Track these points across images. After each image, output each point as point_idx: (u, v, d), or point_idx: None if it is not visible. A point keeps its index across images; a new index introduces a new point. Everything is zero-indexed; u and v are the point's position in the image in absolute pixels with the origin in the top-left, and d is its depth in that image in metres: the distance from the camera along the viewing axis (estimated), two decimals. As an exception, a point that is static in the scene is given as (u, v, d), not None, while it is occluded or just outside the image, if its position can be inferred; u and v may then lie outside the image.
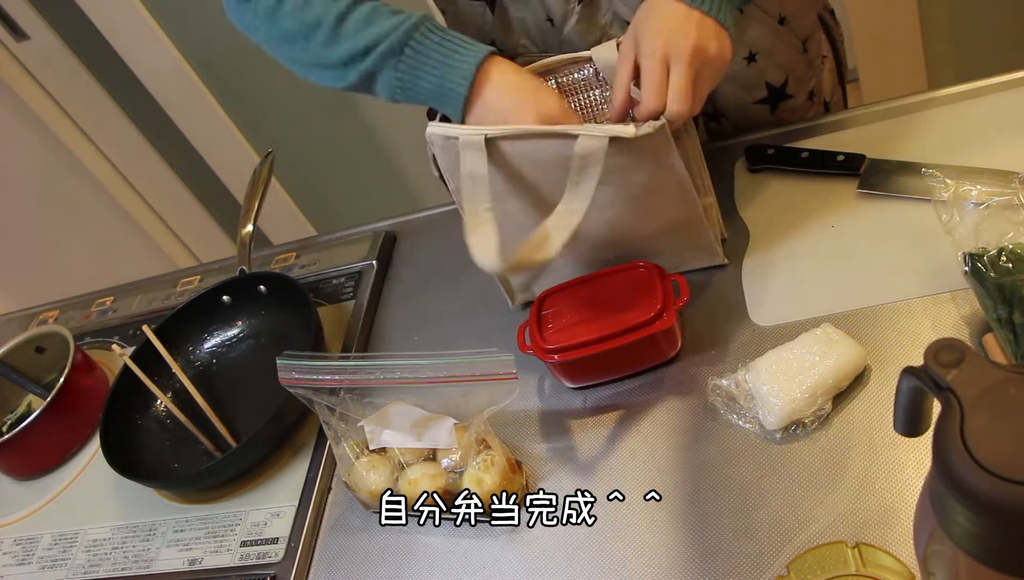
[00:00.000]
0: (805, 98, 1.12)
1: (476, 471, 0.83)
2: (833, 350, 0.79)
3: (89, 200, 2.41)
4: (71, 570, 1.02)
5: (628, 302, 0.88)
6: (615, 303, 0.89)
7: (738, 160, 1.05)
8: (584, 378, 0.91)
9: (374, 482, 0.88)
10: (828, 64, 1.17)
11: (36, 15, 2.06)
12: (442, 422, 0.85)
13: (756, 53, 1.05)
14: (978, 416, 0.48)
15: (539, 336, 0.89)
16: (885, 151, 0.97)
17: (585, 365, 0.89)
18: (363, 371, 0.84)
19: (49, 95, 2.23)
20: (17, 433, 1.09)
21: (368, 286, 1.17)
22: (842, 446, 0.77)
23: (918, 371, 0.53)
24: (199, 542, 0.97)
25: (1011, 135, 0.93)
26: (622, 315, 0.87)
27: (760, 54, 1.05)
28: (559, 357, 0.88)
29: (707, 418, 0.84)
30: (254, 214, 1.19)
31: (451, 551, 0.85)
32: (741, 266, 0.95)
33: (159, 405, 1.11)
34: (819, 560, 0.68)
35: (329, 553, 0.91)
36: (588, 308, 0.90)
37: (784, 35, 1.06)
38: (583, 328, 0.88)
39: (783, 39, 1.06)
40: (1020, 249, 0.77)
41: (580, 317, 0.90)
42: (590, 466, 0.86)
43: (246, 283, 1.17)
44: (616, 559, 0.78)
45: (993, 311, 0.75)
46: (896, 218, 0.91)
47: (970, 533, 0.50)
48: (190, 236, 2.56)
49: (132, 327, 1.30)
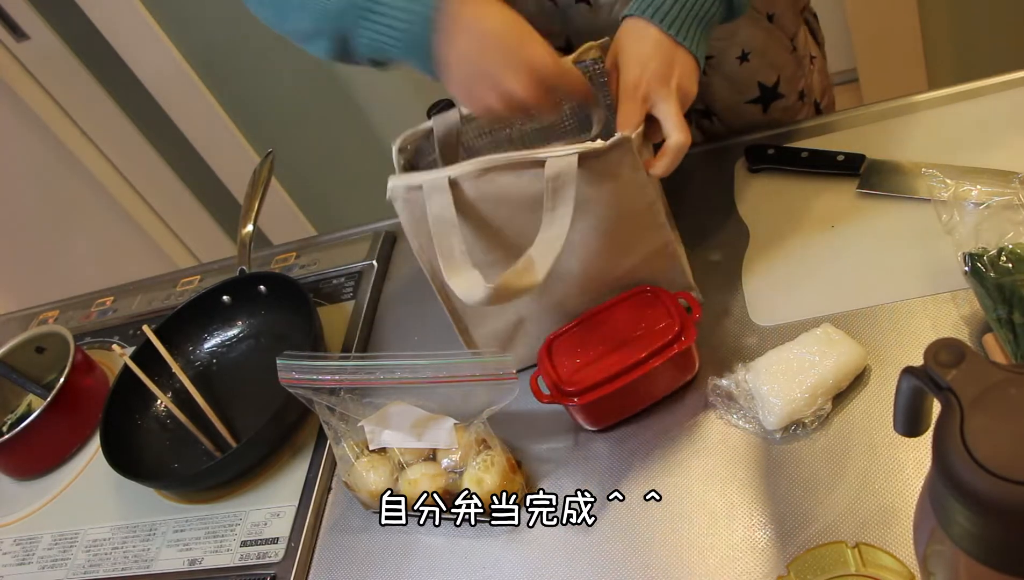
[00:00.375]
0: (796, 98, 1.12)
1: (476, 471, 0.83)
2: (833, 350, 0.79)
3: (89, 200, 2.41)
4: (71, 570, 1.02)
5: (642, 328, 0.84)
6: (628, 332, 0.85)
7: (738, 160, 1.05)
8: (612, 415, 0.87)
9: (374, 482, 0.88)
10: (818, 64, 1.17)
11: (36, 15, 2.06)
12: (442, 422, 0.85)
13: (749, 52, 1.05)
14: (978, 416, 0.48)
15: (557, 379, 0.84)
16: (885, 151, 0.97)
17: (613, 401, 0.84)
18: (363, 371, 0.84)
19: (49, 95, 2.23)
20: (17, 433, 1.09)
21: (368, 286, 1.17)
22: (842, 446, 0.77)
23: (918, 371, 0.53)
24: (199, 542, 0.97)
25: (1011, 135, 0.93)
26: (640, 342, 0.83)
27: (753, 53, 1.05)
28: (584, 398, 0.82)
29: (707, 418, 0.84)
30: (254, 214, 1.19)
31: (451, 551, 0.85)
32: (741, 266, 0.95)
33: (159, 405, 1.11)
34: (819, 560, 0.68)
35: (329, 553, 0.91)
36: (602, 343, 0.85)
37: (774, 33, 1.06)
38: (604, 363, 0.83)
39: (774, 37, 1.06)
40: (1020, 249, 0.77)
41: (596, 353, 0.84)
42: (590, 466, 0.86)
43: (246, 283, 1.17)
44: (616, 559, 0.78)
45: (993, 311, 0.75)
46: (896, 218, 0.91)
47: (970, 533, 0.50)
48: (190, 236, 2.56)
49: (132, 327, 1.30)
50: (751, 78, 1.07)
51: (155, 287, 1.36)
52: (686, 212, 1.02)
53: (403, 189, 0.82)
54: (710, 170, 1.07)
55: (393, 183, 0.82)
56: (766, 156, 1.02)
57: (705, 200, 1.03)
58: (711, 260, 0.97)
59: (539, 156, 0.77)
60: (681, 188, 1.07)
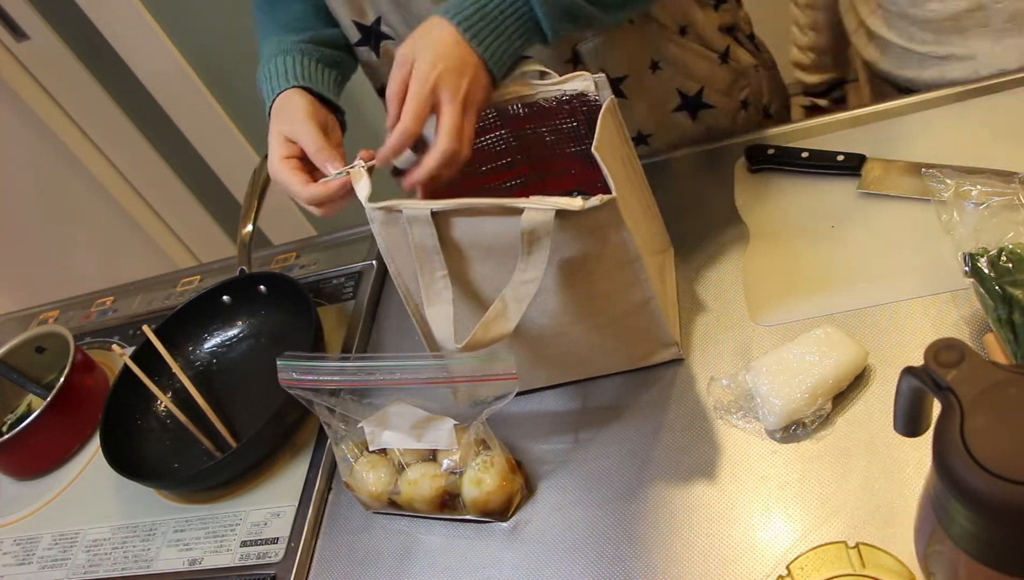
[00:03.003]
0: (735, 107, 1.14)
1: (476, 471, 0.83)
2: (833, 350, 0.79)
3: (89, 200, 2.42)
4: (71, 570, 1.02)
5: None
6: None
7: (738, 160, 1.05)
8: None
9: (374, 483, 0.88)
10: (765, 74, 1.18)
11: (36, 15, 2.07)
12: (442, 423, 0.85)
13: (659, 61, 1.06)
14: (978, 416, 0.49)
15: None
16: (885, 151, 0.97)
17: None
18: (363, 372, 0.84)
19: (49, 95, 2.23)
20: (17, 433, 1.09)
21: (368, 286, 1.17)
22: (842, 446, 0.77)
23: (918, 371, 0.53)
24: (199, 542, 0.97)
25: (1011, 135, 0.93)
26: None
27: (664, 62, 1.07)
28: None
29: (707, 418, 0.84)
30: (254, 214, 1.19)
31: (451, 551, 0.85)
32: (741, 266, 0.95)
33: (159, 405, 1.11)
34: (819, 560, 0.68)
35: (329, 553, 0.91)
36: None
37: (690, 46, 1.08)
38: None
39: (689, 49, 1.08)
40: (1020, 249, 0.77)
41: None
42: (589, 466, 0.86)
43: (246, 283, 1.17)
44: (616, 559, 0.78)
45: (993, 311, 0.75)
46: (896, 218, 0.91)
47: (970, 533, 0.50)
48: (190, 236, 2.56)
49: (132, 327, 1.30)
50: (667, 86, 1.09)
51: (155, 287, 1.36)
52: (686, 212, 1.03)
53: (382, 214, 0.81)
54: (710, 170, 1.07)
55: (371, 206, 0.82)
56: (766, 156, 1.02)
57: (705, 200, 1.04)
58: (711, 260, 0.97)
59: (518, 205, 0.76)
60: (681, 188, 1.07)
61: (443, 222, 0.79)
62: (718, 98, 1.12)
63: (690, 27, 1.07)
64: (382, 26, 1.04)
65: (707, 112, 1.12)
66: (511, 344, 0.87)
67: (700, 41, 1.08)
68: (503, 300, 0.77)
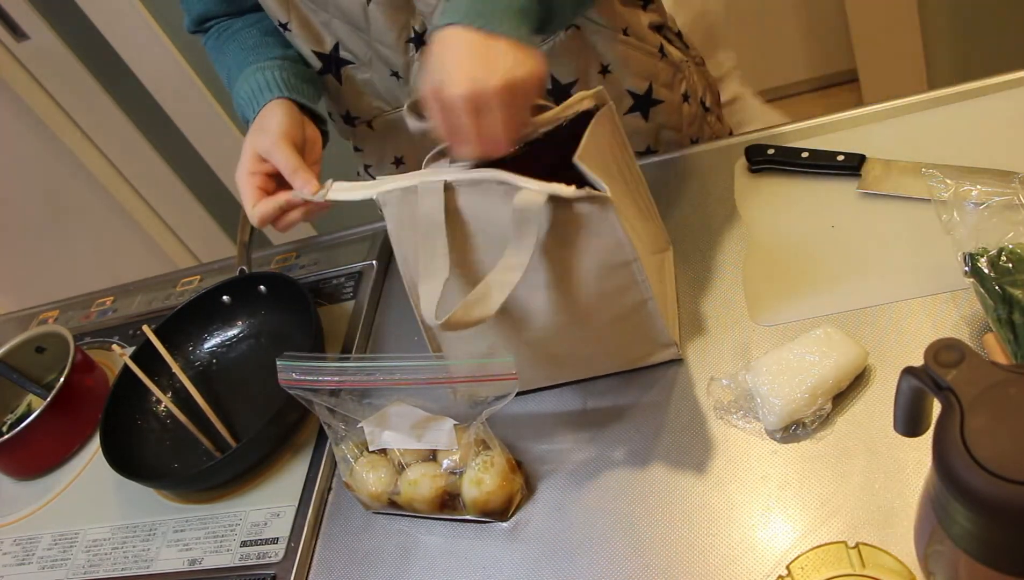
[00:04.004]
0: (679, 100, 1.14)
1: (476, 472, 0.83)
2: (833, 350, 0.79)
3: (89, 200, 2.42)
4: (71, 570, 1.02)
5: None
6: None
7: (738, 160, 1.05)
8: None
9: (374, 483, 0.88)
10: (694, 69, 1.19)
11: (36, 15, 2.07)
12: (442, 423, 0.85)
13: (608, 64, 1.06)
14: (978, 416, 0.49)
15: None
16: (885, 151, 0.97)
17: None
18: (363, 372, 0.84)
19: (49, 95, 2.23)
20: (17, 433, 1.09)
21: (368, 286, 1.17)
22: (842, 446, 0.77)
23: (918, 371, 0.53)
24: (199, 542, 0.97)
25: (1011, 135, 0.93)
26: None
27: (612, 64, 1.07)
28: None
29: (707, 418, 0.84)
30: (254, 214, 1.19)
31: (451, 551, 0.85)
32: (741, 266, 0.95)
33: (159, 405, 1.11)
34: (819, 560, 0.68)
35: (329, 553, 0.91)
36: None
37: (632, 43, 1.08)
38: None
39: (632, 46, 1.08)
40: (1020, 249, 0.77)
41: None
42: (590, 466, 0.86)
43: (246, 283, 1.17)
44: (616, 559, 0.78)
45: (993, 311, 0.75)
46: (896, 218, 0.91)
47: (970, 533, 0.50)
48: (190, 236, 2.56)
49: (132, 327, 1.30)
50: (618, 89, 1.09)
51: (155, 287, 1.36)
52: (686, 212, 1.03)
53: (399, 192, 0.82)
54: (710, 170, 1.07)
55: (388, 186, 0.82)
56: (766, 156, 1.02)
57: (705, 200, 1.04)
58: (711, 260, 0.97)
59: (519, 183, 0.76)
60: (681, 188, 1.07)
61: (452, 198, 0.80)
62: (665, 92, 1.12)
63: (629, 27, 1.07)
64: (340, 52, 1.04)
65: (658, 109, 1.12)
66: (511, 344, 0.87)
67: (640, 39, 1.09)
68: (487, 284, 0.77)
